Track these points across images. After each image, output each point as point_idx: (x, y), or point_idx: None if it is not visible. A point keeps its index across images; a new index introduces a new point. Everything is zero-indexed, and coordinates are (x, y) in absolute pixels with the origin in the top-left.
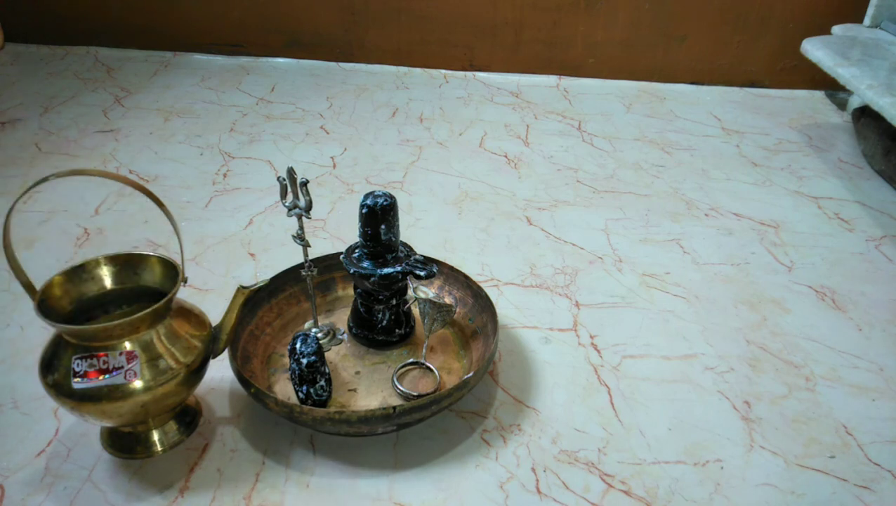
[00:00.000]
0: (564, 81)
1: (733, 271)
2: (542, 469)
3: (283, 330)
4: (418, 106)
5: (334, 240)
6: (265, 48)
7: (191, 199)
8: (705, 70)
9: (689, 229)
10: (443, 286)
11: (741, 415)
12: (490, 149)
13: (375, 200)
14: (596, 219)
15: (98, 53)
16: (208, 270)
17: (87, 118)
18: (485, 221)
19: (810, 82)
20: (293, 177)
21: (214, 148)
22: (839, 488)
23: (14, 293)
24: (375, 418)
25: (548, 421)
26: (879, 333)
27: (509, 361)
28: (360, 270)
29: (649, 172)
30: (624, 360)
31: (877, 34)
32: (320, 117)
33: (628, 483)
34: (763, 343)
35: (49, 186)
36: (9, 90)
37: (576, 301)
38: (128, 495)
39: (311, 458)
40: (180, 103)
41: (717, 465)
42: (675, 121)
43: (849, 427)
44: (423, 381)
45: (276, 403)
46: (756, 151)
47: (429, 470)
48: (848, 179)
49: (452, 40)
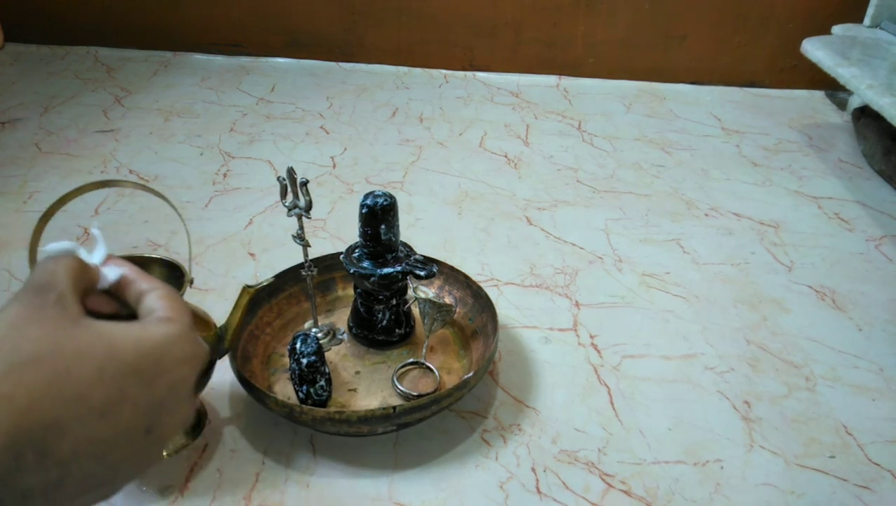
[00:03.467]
0: (564, 81)
1: (733, 271)
2: (542, 469)
3: (283, 330)
4: (418, 106)
5: (334, 240)
6: (265, 48)
7: (191, 199)
8: (705, 70)
9: (689, 229)
10: (443, 286)
11: (741, 415)
12: (490, 149)
13: (375, 200)
14: (596, 219)
15: (98, 53)
16: (208, 270)
17: (87, 118)
18: (485, 221)
19: (810, 82)
20: (293, 177)
21: (214, 148)
22: (839, 488)
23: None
24: (375, 418)
25: (548, 421)
26: (879, 333)
27: (509, 361)
28: (360, 270)
29: (649, 171)
30: (624, 360)
31: (877, 34)
32: (320, 117)
33: (628, 483)
34: (763, 343)
35: (49, 186)
36: (9, 90)
37: (576, 301)
38: (127, 495)
39: (311, 458)
40: (180, 103)
41: (717, 465)
42: (675, 121)
43: (849, 427)
44: (423, 381)
45: (276, 403)
46: (756, 151)
47: (429, 470)
48: (848, 179)
49: (452, 40)
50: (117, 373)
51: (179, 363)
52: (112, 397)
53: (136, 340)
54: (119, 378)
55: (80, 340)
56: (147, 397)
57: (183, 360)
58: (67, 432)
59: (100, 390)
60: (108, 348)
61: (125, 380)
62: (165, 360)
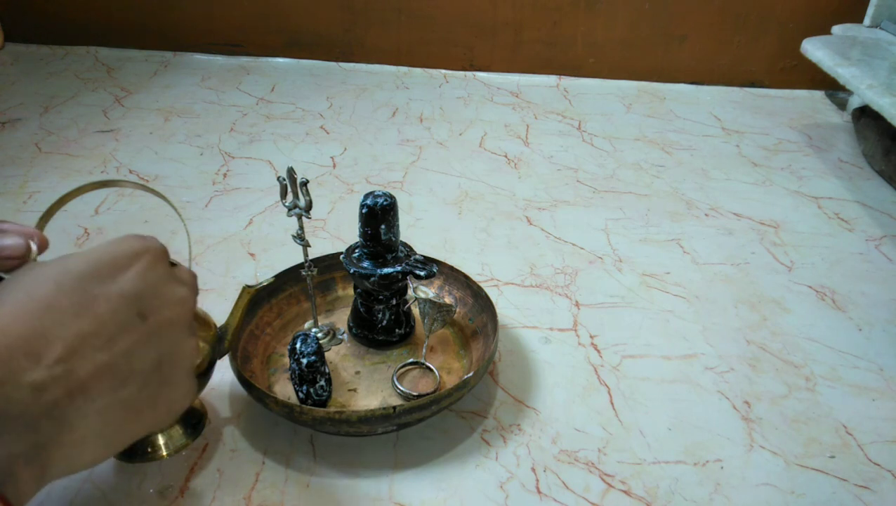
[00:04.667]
0: (564, 81)
1: (733, 271)
2: (542, 469)
3: (283, 330)
4: (418, 106)
5: (334, 240)
6: (265, 48)
7: (191, 199)
8: (705, 70)
9: (689, 229)
10: (443, 286)
11: (741, 415)
12: (490, 149)
13: (375, 200)
14: (596, 219)
15: (98, 53)
16: (208, 270)
17: (87, 118)
18: (485, 221)
19: (810, 82)
20: (293, 177)
21: (214, 148)
22: (839, 488)
23: None
24: (375, 418)
25: (548, 421)
26: (879, 333)
27: (509, 361)
28: (360, 270)
29: (649, 171)
30: (624, 360)
31: (877, 34)
32: (320, 117)
33: (628, 483)
34: (763, 343)
35: (49, 186)
36: (9, 90)
37: (576, 301)
38: (127, 495)
39: (311, 458)
40: (180, 103)
41: (717, 465)
42: (675, 121)
43: (849, 427)
44: (423, 381)
45: (276, 403)
46: (756, 151)
47: (429, 470)
48: (848, 179)
49: (452, 40)
50: (74, 280)
51: (135, 255)
52: (79, 299)
53: (84, 253)
54: (77, 284)
55: (35, 269)
56: (117, 288)
57: (137, 252)
58: (49, 335)
59: (64, 298)
60: (61, 266)
61: (85, 283)
62: (118, 257)
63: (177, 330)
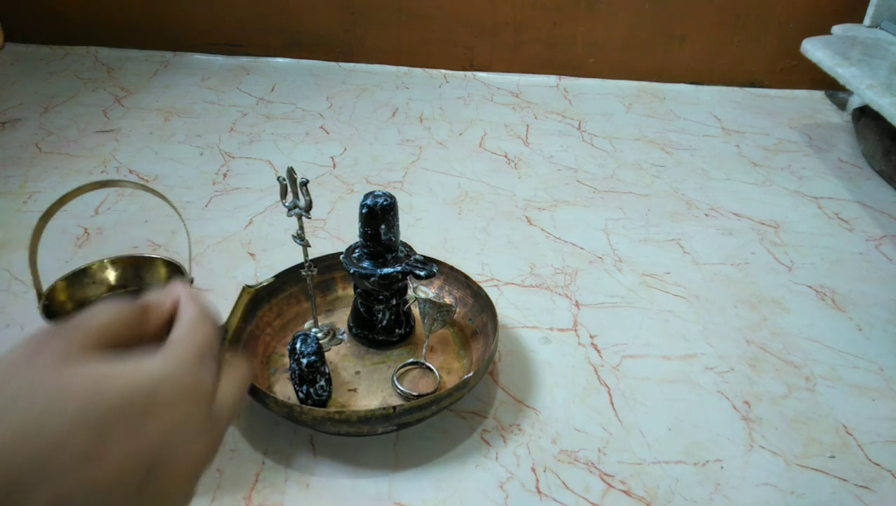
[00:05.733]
0: (564, 81)
1: (733, 271)
2: (542, 469)
3: (283, 330)
4: (418, 106)
5: (334, 240)
6: (265, 48)
7: (191, 199)
8: (705, 70)
9: (689, 229)
10: (443, 286)
11: (741, 415)
12: (490, 149)
13: (375, 200)
14: (596, 219)
15: (98, 53)
16: (208, 270)
17: (87, 118)
18: (485, 221)
19: (810, 82)
20: (293, 177)
21: (214, 148)
22: (839, 488)
23: (14, 293)
24: (375, 418)
25: (548, 421)
26: (879, 333)
27: (509, 361)
28: (360, 270)
29: (649, 172)
30: (624, 360)
31: (877, 34)
32: (320, 117)
33: (628, 483)
34: (763, 343)
35: (49, 186)
36: (9, 90)
37: (576, 301)
38: None
39: (311, 458)
40: (180, 103)
41: (717, 465)
42: (675, 121)
43: (849, 427)
44: (423, 381)
45: (276, 403)
46: (756, 151)
47: (429, 470)
48: (848, 179)
49: (452, 40)
50: (97, 418)
51: (175, 402)
52: (96, 441)
53: (125, 379)
54: (98, 423)
55: (62, 382)
56: (137, 440)
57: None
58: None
59: (82, 435)
60: (93, 389)
61: (110, 423)
62: (157, 399)
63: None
